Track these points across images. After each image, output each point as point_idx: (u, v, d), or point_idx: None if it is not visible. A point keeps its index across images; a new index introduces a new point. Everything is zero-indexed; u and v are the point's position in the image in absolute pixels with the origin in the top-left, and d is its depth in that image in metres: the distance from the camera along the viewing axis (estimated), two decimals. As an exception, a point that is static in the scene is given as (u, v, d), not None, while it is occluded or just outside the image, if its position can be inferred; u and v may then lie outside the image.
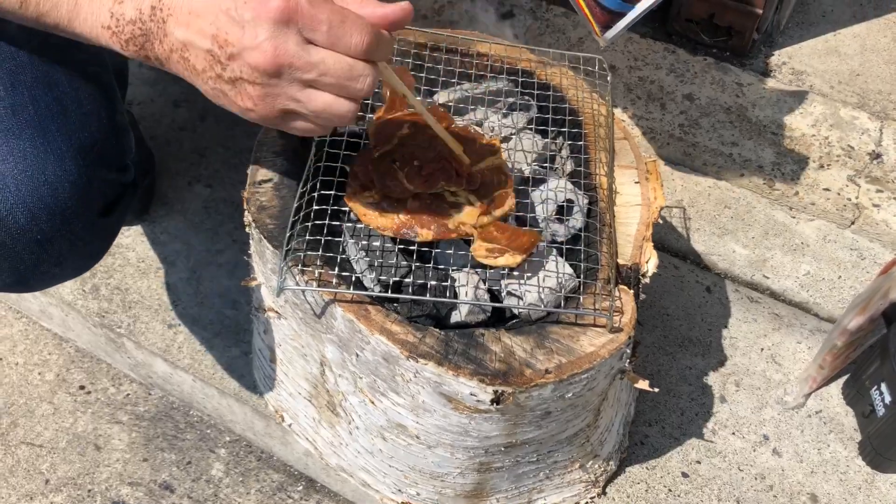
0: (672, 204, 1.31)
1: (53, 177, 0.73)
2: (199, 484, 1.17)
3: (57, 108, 0.74)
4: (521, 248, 0.79)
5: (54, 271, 0.78)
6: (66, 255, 0.77)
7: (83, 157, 0.75)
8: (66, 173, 0.73)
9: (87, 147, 0.76)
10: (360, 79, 0.62)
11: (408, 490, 0.95)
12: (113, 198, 0.81)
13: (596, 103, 0.95)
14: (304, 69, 0.60)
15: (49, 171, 0.72)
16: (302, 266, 0.79)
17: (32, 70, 0.75)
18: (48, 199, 0.72)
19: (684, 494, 1.03)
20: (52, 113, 0.74)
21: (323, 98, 0.62)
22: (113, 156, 0.80)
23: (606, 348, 0.77)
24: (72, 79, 0.77)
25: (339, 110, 0.63)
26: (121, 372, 1.26)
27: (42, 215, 0.72)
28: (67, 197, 0.74)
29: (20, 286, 0.78)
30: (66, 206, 0.74)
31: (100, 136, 0.78)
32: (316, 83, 0.62)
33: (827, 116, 1.37)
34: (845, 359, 1.08)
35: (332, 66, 0.61)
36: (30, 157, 0.72)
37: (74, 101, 0.76)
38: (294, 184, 0.85)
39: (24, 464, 1.18)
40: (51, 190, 0.73)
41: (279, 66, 0.60)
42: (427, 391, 0.78)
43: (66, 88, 0.76)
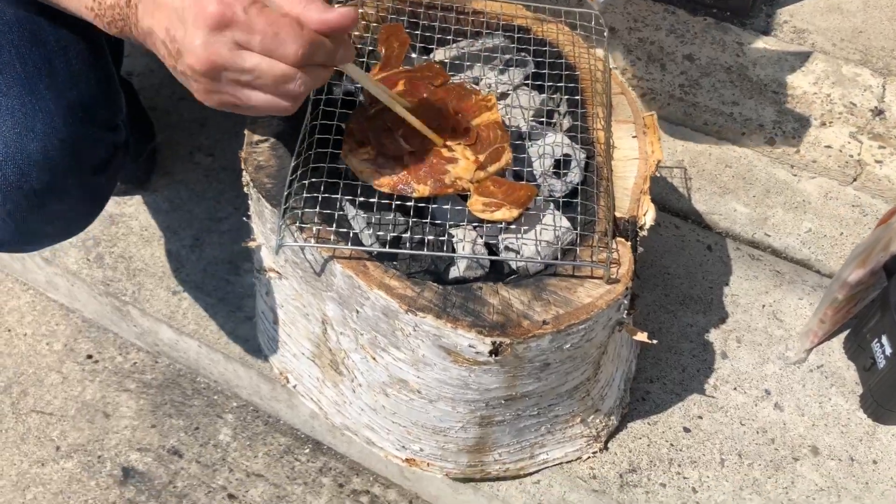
0: (673, 164, 1.30)
1: (42, 133, 0.73)
2: (207, 449, 1.18)
3: (45, 67, 0.75)
4: (518, 202, 0.79)
5: (46, 229, 0.79)
6: (58, 213, 0.78)
7: (72, 115, 0.75)
8: (56, 130, 0.74)
9: (76, 105, 0.76)
10: (294, 83, 0.63)
11: (411, 446, 0.96)
12: (104, 157, 0.81)
13: (593, 58, 0.95)
14: (238, 73, 0.62)
15: (38, 128, 0.73)
16: (300, 224, 0.80)
17: (19, 29, 0.75)
18: (37, 156, 0.73)
19: (686, 448, 1.04)
20: (39, 71, 0.75)
21: (260, 97, 0.64)
22: (103, 114, 0.80)
23: (604, 299, 0.78)
24: (59, 38, 0.77)
25: (279, 107, 0.65)
26: (127, 341, 1.28)
27: (32, 171, 0.73)
28: (57, 153, 0.74)
29: (13, 245, 0.79)
30: (56, 163, 0.74)
31: (89, 95, 0.78)
32: (252, 84, 0.63)
33: (829, 74, 1.36)
34: (846, 313, 1.08)
35: (266, 71, 0.62)
36: (18, 114, 0.72)
37: (63, 59, 0.77)
38: (291, 143, 0.86)
39: (35, 431, 1.20)
40: (40, 146, 0.73)
41: (214, 69, 0.62)
42: (427, 345, 0.79)
43: (53, 47, 0.76)
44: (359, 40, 0.94)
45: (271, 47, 0.61)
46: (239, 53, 0.62)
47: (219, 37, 0.61)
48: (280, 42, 0.61)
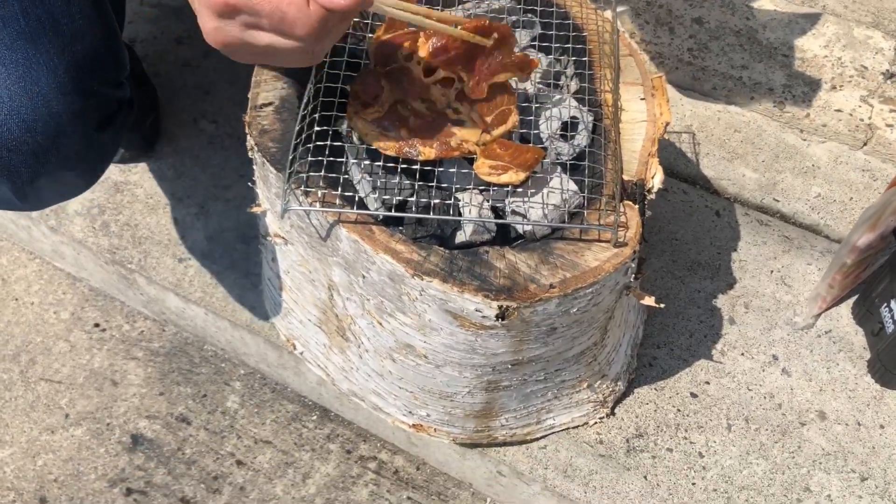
0: (681, 129, 1.29)
1: (47, 88, 0.73)
2: (216, 416, 1.19)
3: (48, 21, 0.74)
4: (525, 165, 0.78)
5: (53, 186, 0.79)
6: (63, 169, 0.78)
7: (76, 70, 0.75)
8: (60, 85, 0.74)
9: (79, 60, 0.76)
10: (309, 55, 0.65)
11: (418, 411, 0.96)
12: (108, 113, 0.81)
13: (601, 20, 0.93)
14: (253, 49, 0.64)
15: (42, 83, 0.73)
16: (305, 188, 0.79)
17: None
18: (42, 110, 0.73)
19: (693, 414, 1.04)
20: (43, 26, 0.74)
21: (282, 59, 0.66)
22: (107, 70, 0.80)
23: (611, 262, 0.77)
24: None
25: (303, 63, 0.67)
26: (134, 309, 1.28)
27: (37, 126, 0.73)
28: (61, 108, 0.74)
29: (20, 202, 0.78)
30: (61, 118, 0.74)
31: (93, 50, 0.78)
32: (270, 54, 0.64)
33: (840, 36, 1.34)
34: (855, 278, 1.08)
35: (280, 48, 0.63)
36: (22, 68, 0.72)
37: (66, 14, 0.76)
38: (295, 107, 0.85)
39: (44, 399, 1.20)
40: (44, 101, 0.73)
41: (227, 48, 0.64)
42: (433, 309, 0.79)
43: (56, 2, 0.76)
44: (363, 2, 0.92)
45: (280, 29, 0.61)
46: (250, 34, 0.63)
47: (228, 22, 0.62)
48: (288, 24, 0.61)
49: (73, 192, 0.83)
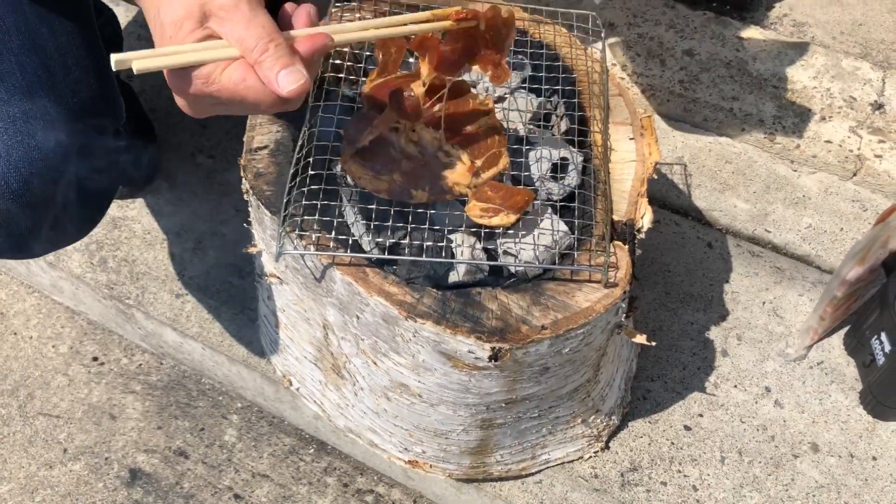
0: (673, 160, 1.31)
1: (43, 140, 0.74)
2: (213, 449, 1.19)
3: (45, 74, 0.75)
4: (516, 207, 0.79)
5: (51, 235, 0.80)
6: (62, 219, 0.79)
7: (73, 122, 0.76)
8: (56, 137, 0.75)
9: (76, 112, 0.77)
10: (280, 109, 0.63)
11: (413, 448, 0.97)
12: (105, 163, 0.82)
13: (590, 60, 0.95)
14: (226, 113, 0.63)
15: (39, 136, 0.74)
16: (300, 231, 0.80)
17: (18, 36, 0.76)
18: (39, 163, 0.74)
19: (687, 447, 1.04)
20: (39, 79, 0.75)
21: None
22: (103, 120, 0.81)
23: (602, 303, 0.78)
24: (59, 45, 0.78)
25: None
26: (132, 343, 1.29)
27: (34, 180, 0.74)
28: (58, 161, 0.75)
29: (20, 252, 0.79)
30: (58, 169, 0.75)
31: (89, 101, 0.79)
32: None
33: (829, 68, 1.36)
34: (846, 310, 1.09)
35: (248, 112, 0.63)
36: (19, 122, 0.73)
37: (62, 66, 0.77)
38: (290, 150, 0.86)
39: (43, 434, 1.21)
40: (41, 154, 0.74)
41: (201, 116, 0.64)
42: (427, 350, 0.79)
43: (53, 54, 0.77)
44: (357, 46, 0.94)
45: (244, 109, 0.62)
46: (220, 107, 0.62)
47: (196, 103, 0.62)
48: (248, 107, 0.61)
49: (69, 240, 0.84)
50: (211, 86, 0.58)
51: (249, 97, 0.60)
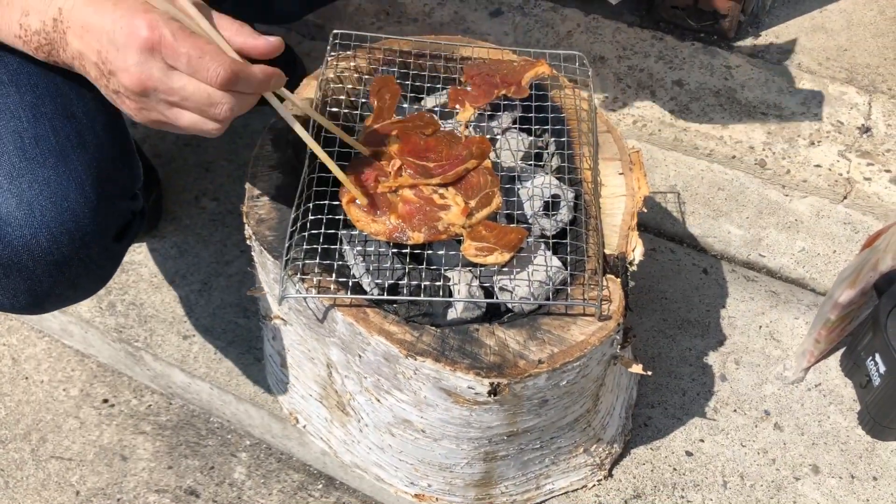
0: (666, 189, 1.33)
1: (75, 203, 0.77)
2: (223, 488, 1.21)
3: (76, 138, 0.79)
4: (509, 246, 0.82)
5: (68, 293, 0.82)
6: (80, 278, 0.81)
7: (101, 185, 0.79)
8: (87, 200, 0.77)
9: (104, 175, 0.80)
10: (217, 106, 0.68)
11: (419, 482, 0.98)
12: (124, 224, 0.85)
13: (578, 99, 0.98)
14: (167, 93, 0.68)
15: (71, 198, 0.77)
16: (301, 274, 0.83)
17: (52, 102, 0.79)
18: (70, 224, 0.77)
19: (689, 472, 1.06)
20: (71, 142, 0.78)
21: (188, 116, 0.70)
22: (125, 183, 0.84)
23: (596, 336, 0.81)
24: (87, 110, 0.81)
25: (205, 128, 0.70)
26: (142, 384, 1.31)
27: (63, 239, 0.77)
28: (87, 222, 0.78)
29: (34, 308, 0.82)
30: (86, 231, 0.78)
31: (114, 165, 0.82)
32: (180, 104, 0.69)
33: (816, 93, 1.39)
34: (841, 332, 1.11)
35: (192, 92, 0.67)
36: (53, 184, 0.76)
37: (91, 131, 0.80)
38: (290, 195, 0.89)
39: (55, 477, 1.23)
40: (72, 215, 0.77)
41: (145, 88, 0.67)
42: (428, 387, 0.82)
43: (83, 119, 0.80)
44: (352, 93, 0.97)
45: (196, 68, 0.66)
46: (169, 74, 0.67)
47: (150, 58, 0.66)
48: (203, 64, 0.66)
49: (83, 296, 0.86)
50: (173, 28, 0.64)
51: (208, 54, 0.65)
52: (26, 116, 0.77)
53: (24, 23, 0.71)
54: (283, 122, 0.96)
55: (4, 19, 0.72)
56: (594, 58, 1.45)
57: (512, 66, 0.97)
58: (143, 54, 0.66)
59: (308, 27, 1.54)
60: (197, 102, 0.68)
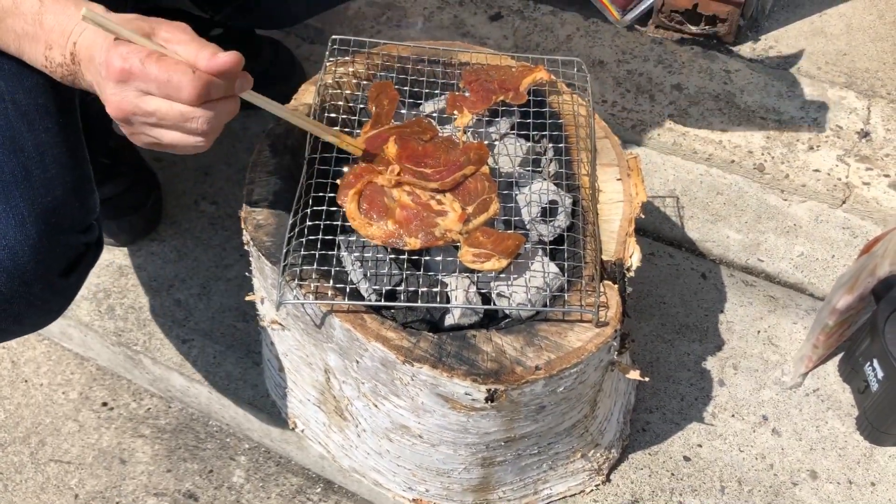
0: (665, 193, 1.33)
1: (14, 241, 0.75)
2: (222, 491, 1.21)
3: (21, 174, 0.77)
4: (507, 252, 0.82)
5: (13, 328, 0.81)
6: (25, 314, 0.80)
7: (45, 222, 0.77)
8: (27, 237, 0.76)
9: (49, 211, 0.78)
10: (193, 120, 0.71)
11: (417, 487, 0.98)
12: (74, 258, 0.83)
13: (576, 105, 0.98)
14: (145, 116, 0.71)
15: (10, 236, 0.75)
16: (299, 280, 0.83)
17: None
18: (7, 263, 0.75)
19: (687, 477, 1.06)
20: (16, 178, 0.77)
21: (170, 135, 0.73)
22: (76, 217, 0.82)
23: (593, 342, 0.81)
24: (38, 143, 0.80)
25: (190, 142, 0.73)
26: (141, 387, 1.31)
27: (1, 278, 0.75)
28: (27, 261, 0.76)
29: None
30: (26, 270, 0.76)
31: (63, 200, 0.80)
32: (160, 125, 0.72)
33: (815, 98, 1.39)
34: (839, 337, 1.11)
35: (167, 112, 0.71)
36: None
37: (39, 165, 0.79)
38: (288, 201, 0.89)
39: (54, 480, 1.23)
40: (10, 254, 0.75)
41: (125, 115, 0.71)
42: (425, 393, 0.82)
43: (31, 153, 0.79)
44: (350, 98, 0.97)
45: (167, 91, 0.69)
46: (143, 99, 0.70)
47: (125, 87, 0.70)
48: (174, 86, 0.69)
49: (31, 330, 0.85)
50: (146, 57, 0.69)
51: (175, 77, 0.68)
52: None
53: (48, 55, 0.76)
54: (281, 127, 0.97)
55: (33, 52, 0.76)
56: (593, 62, 1.46)
57: (510, 71, 0.98)
58: (119, 85, 0.70)
59: (308, 30, 1.54)
60: (173, 120, 0.71)
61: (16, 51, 0.77)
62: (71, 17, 0.74)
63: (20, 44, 0.76)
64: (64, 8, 0.74)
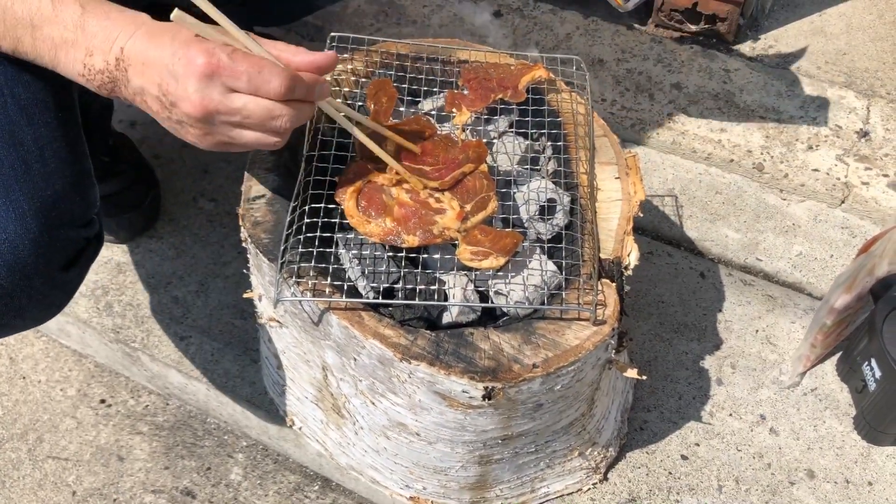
0: (664, 192, 1.33)
1: (14, 235, 0.75)
2: (219, 489, 1.21)
3: (21, 168, 0.77)
4: (504, 250, 0.82)
5: (15, 322, 0.81)
6: (26, 308, 0.79)
7: (45, 216, 0.77)
8: (27, 231, 0.75)
9: (49, 205, 0.78)
10: (279, 118, 0.71)
11: (414, 485, 0.98)
12: (75, 252, 0.82)
13: (575, 103, 0.98)
14: (229, 114, 0.70)
15: (10, 230, 0.75)
16: (297, 277, 0.83)
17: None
18: (8, 257, 0.75)
19: (684, 476, 1.06)
20: (15, 172, 0.76)
21: (250, 135, 0.72)
22: (76, 211, 0.81)
23: (591, 341, 0.81)
24: (37, 137, 0.79)
25: (267, 142, 0.73)
26: (139, 384, 1.31)
27: (2, 272, 0.75)
28: (28, 255, 0.76)
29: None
30: (26, 264, 0.76)
31: (63, 194, 0.79)
32: (242, 124, 0.71)
33: (814, 97, 1.39)
34: (837, 336, 1.11)
35: (253, 110, 0.70)
36: None
37: (39, 159, 0.78)
38: (286, 199, 0.89)
39: (52, 477, 1.23)
40: (11, 248, 0.75)
41: (207, 113, 0.70)
42: (422, 390, 0.82)
43: (31, 147, 0.78)
44: (349, 95, 0.97)
45: (257, 84, 0.69)
46: (229, 96, 0.69)
47: (209, 84, 0.69)
48: (264, 79, 0.69)
49: (33, 325, 0.85)
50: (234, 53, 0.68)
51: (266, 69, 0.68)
52: None
53: (87, 62, 0.73)
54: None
55: (69, 58, 0.74)
56: (593, 60, 1.45)
57: (509, 69, 0.97)
58: (203, 81, 0.68)
59: (307, 28, 1.54)
60: (259, 118, 0.70)
61: (50, 60, 0.75)
62: (115, 23, 0.72)
63: (56, 52, 0.74)
64: (107, 13, 0.72)
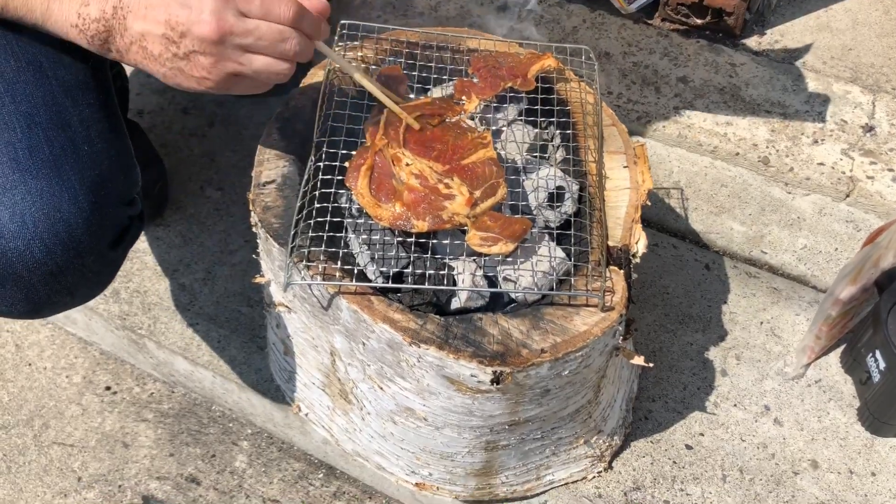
0: (670, 185, 1.34)
1: (68, 213, 0.77)
2: (224, 476, 1.22)
3: (70, 148, 0.79)
4: (514, 236, 0.82)
5: (65, 300, 0.82)
6: (77, 286, 0.81)
7: (95, 194, 0.79)
8: (80, 210, 0.77)
9: (98, 184, 0.80)
10: (289, 41, 0.75)
11: (420, 471, 0.99)
12: (121, 230, 0.84)
13: (584, 92, 0.99)
14: (243, 35, 0.73)
15: (64, 209, 0.77)
16: (307, 262, 0.83)
17: (47, 111, 0.79)
18: (63, 235, 0.77)
19: (689, 466, 1.06)
20: (65, 152, 0.78)
21: (261, 59, 0.75)
22: (121, 190, 0.83)
23: (599, 326, 0.81)
24: (83, 119, 0.81)
25: (277, 69, 0.76)
26: (144, 372, 1.32)
27: (57, 250, 0.77)
28: (81, 232, 0.78)
29: (32, 314, 0.82)
30: (80, 241, 0.78)
31: (109, 173, 0.82)
32: (253, 47, 0.74)
33: (820, 92, 1.39)
34: (842, 328, 1.11)
35: (266, 31, 0.73)
36: (46, 195, 0.76)
37: (86, 140, 0.80)
38: (296, 184, 0.89)
39: (57, 463, 1.24)
40: (66, 226, 0.77)
41: (222, 34, 0.72)
42: (431, 375, 0.82)
43: (78, 129, 0.80)
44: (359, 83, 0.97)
45: (268, 8, 0.73)
46: (242, 19, 0.73)
47: (225, 7, 0.72)
48: (273, 4, 0.73)
49: (82, 302, 0.86)
50: None
51: None
52: (20, 127, 0.77)
53: (82, 12, 0.74)
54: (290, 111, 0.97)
55: (63, 9, 0.74)
56: (599, 53, 1.46)
57: (518, 58, 0.98)
58: (218, 3, 0.71)
59: (314, 19, 1.54)
60: (271, 40, 0.73)
61: (42, 13, 0.75)
62: None
63: (49, 3, 0.74)
64: None
